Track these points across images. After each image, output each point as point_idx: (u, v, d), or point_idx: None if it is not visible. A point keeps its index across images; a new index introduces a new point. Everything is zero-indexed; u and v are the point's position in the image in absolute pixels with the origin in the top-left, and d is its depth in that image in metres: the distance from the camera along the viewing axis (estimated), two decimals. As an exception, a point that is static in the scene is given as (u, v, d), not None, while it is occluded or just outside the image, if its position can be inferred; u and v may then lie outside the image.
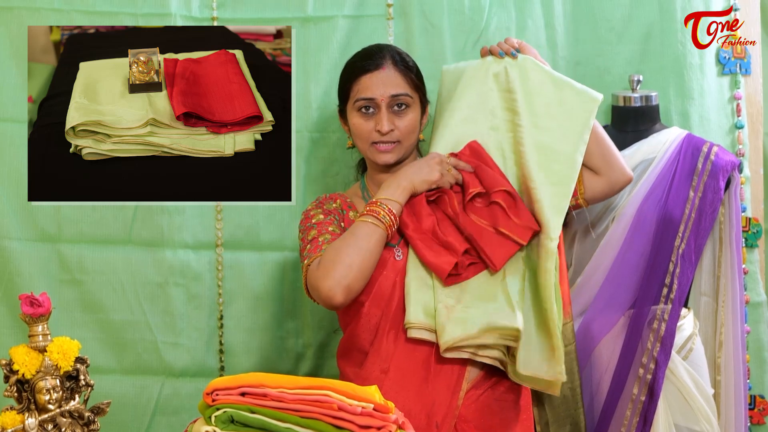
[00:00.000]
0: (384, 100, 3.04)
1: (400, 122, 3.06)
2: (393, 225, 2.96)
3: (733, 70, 3.59)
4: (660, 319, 3.23)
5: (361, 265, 2.88)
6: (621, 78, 3.55)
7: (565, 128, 3.05)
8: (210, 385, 2.47)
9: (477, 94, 3.13)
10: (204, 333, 3.57)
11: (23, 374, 2.61)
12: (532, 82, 3.09)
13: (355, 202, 3.17)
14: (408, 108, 3.07)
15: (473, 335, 2.90)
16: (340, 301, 2.87)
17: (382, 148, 3.06)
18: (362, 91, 3.06)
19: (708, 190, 3.28)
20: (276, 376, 2.48)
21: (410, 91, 3.07)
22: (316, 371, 3.61)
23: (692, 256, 3.27)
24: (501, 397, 3.03)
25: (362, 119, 3.07)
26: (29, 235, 3.51)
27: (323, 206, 3.13)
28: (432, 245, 2.98)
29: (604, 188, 3.13)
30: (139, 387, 3.54)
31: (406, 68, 3.09)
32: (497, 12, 3.59)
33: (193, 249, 3.56)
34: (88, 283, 3.53)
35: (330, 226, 3.04)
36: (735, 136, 3.61)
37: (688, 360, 3.28)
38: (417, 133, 3.12)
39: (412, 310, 2.94)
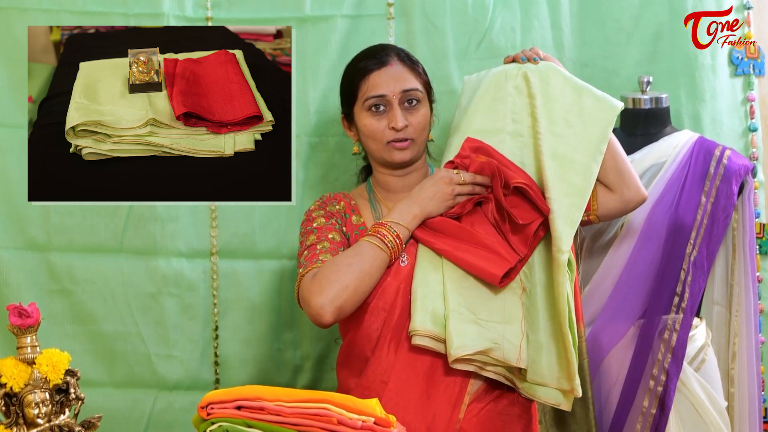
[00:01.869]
0: (396, 96, 3.02)
1: (413, 118, 3.04)
2: (398, 251, 2.94)
3: (747, 71, 3.60)
4: (671, 329, 3.20)
5: (357, 288, 2.87)
6: (630, 79, 3.53)
7: (583, 137, 3.02)
8: (205, 398, 2.46)
9: (495, 99, 3.10)
10: (198, 344, 3.55)
11: (11, 387, 2.57)
12: (552, 88, 3.06)
13: (360, 205, 3.14)
14: (419, 103, 3.06)
15: (484, 350, 2.86)
16: (329, 321, 2.85)
17: (398, 146, 3.04)
18: (372, 89, 3.04)
19: (720, 196, 3.26)
20: (273, 389, 2.48)
21: (420, 86, 3.06)
22: (315, 384, 3.58)
23: (704, 263, 3.25)
24: (504, 410, 2.99)
25: (374, 119, 3.05)
26: (18, 244, 3.49)
27: (326, 207, 3.11)
28: (477, 251, 2.94)
29: (618, 206, 3.09)
30: (132, 400, 3.51)
31: (412, 63, 3.09)
32: (501, 12, 3.59)
33: (187, 257, 3.54)
34: (78, 294, 3.50)
35: (330, 232, 3.02)
36: (748, 139, 3.60)
37: (700, 371, 3.25)
38: (428, 131, 3.10)
39: (418, 317, 2.89)
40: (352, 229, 3.07)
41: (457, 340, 2.84)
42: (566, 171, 2.98)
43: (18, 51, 3.46)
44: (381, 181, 3.16)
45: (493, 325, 2.90)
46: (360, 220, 3.08)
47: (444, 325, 2.87)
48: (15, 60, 3.47)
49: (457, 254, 2.93)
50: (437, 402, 2.92)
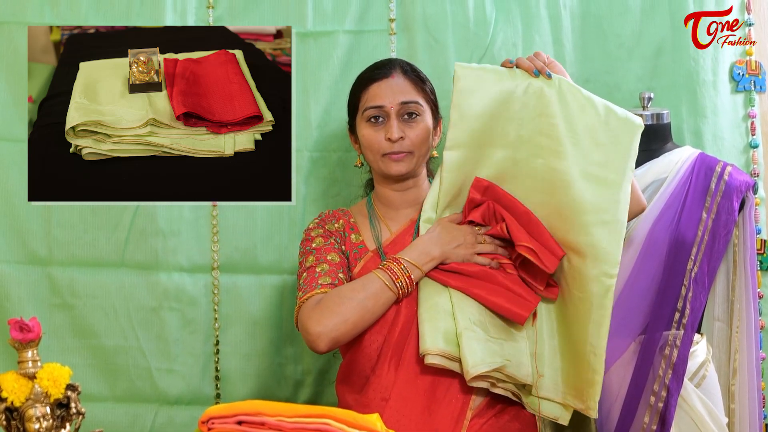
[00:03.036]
0: (393, 108, 3.02)
1: (411, 131, 3.02)
2: (406, 291, 2.92)
3: (748, 87, 3.58)
4: (672, 345, 3.18)
5: (356, 323, 2.87)
6: (631, 95, 3.51)
7: (612, 157, 2.91)
8: (206, 413, 2.45)
9: (503, 114, 2.93)
10: (199, 359, 3.54)
11: (12, 402, 2.53)
12: (572, 106, 2.92)
13: (359, 222, 3.13)
14: (418, 117, 3.04)
15: (499, 368, 2.85)
16: (322, 350, 2.87)
17: (395, 158, 3.02)
18: (371, 100, 3.04)
19: (722, 212, 3.24)
20: (274, 404, 2.47)
21: (420, 100, 3.04)
22: (316, 399, 3.57)
23: (705, 279, 3.23)
24: (505, 426, 2.97)
25: (372, 130, 3.04)
26: (19, 258, 3.49)
27: (324, 226, 3.10)
28: (497, 290, 2.93)
29: None
30: (132, 415, 3.50)
31: (416, 78, 3.08)
32: (503, 27, 3.58)
33: (189, 272, 3.53)
34: (79, 308, 3.49)
35: (329, 253, 3.01)
36: (749, 155, 3.58)
37: (701, 387, 3.23)
38: (428, 145, 3.09)
39: (428, 337, 2.86)
40: (351, 247, 3.07)
41: (471, 357, 2.82)
42: (601, 193, 2.89)
43: (20, 65, 3.47)
44: (381, 195, 3.15)
45: (504, 342, 2.89)
46: (359, 239, 3.08)
47: (457, 344, 2.85)
48: (17, 74, 3.47)
49: (475, 291, 2.91)
50: (439, 418, 2.90)
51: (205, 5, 3.53)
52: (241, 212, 3.53)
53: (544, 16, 3.58)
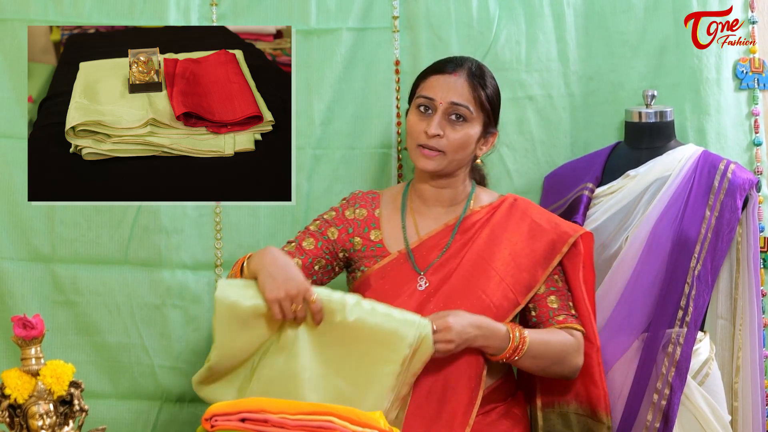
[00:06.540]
0: (443, 104, 3.02)
1: (452, 133, 3.02)
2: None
3: (751, 85, 3.58)
4: (675, 342, 3.19)
5: None
6: (635, 93, 3.52)
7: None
8: (209, 410, 2.46)
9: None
10: (202, 356, 3.47)
11: (15, 399, 2.57)
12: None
13: (384, 216, 3.15)
14: (465, 122, 3.03)
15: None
16: None
17: (426, 152, 3.02)
18: (426, 90, 3.06)
19: (725, 209, 3.24)
20: (277, 401, 2.48)
21: (472, 106, 3.03)
22: None
23: (708, 277, 3.23)
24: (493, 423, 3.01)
25: (417, 117, 3.06)
26: (22, 255, 3.48)
27: (344, 212, 3.16)
28: None
29: None
30: (135, 412, 3.50)
31: (478, 84, 3.05)
32: (506, 25, 3.57)
33: (192, 269, 3.53)
34: (82, 305, 3.49)
35: (319, 239, 3.11)
36: (753, 153, 3.58)
37: (704, 385, 3.24)
38: (468, 152, 3.07)
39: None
40: (369, 244, 3.08)
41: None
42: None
43: (23, 62, 3.47)
44: (417, 187, 3.16)
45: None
46: (378, 236, 3.09)
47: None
48: (20, 71, 3.47)
49: None
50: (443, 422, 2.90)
51: (208, 2, 3.53)
52: (244, 210, 3.52)
53: (547, 13, 3.58)
